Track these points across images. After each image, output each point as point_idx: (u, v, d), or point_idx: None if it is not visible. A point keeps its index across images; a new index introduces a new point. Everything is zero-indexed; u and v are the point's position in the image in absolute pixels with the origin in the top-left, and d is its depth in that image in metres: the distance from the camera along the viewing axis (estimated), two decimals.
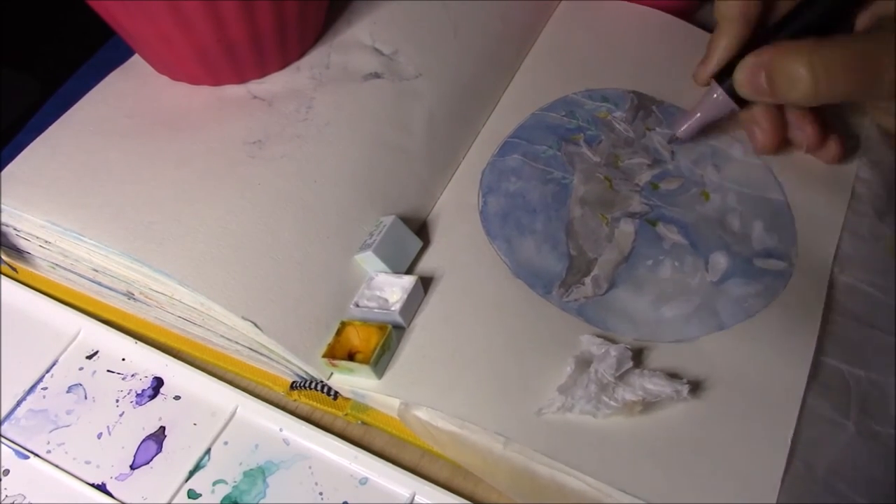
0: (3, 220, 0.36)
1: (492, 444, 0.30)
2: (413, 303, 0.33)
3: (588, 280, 0.34)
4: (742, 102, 0.36)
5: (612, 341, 0.31)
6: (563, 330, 0.33)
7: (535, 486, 0.30)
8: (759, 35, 0.35)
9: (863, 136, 0.40)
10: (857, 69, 0.31)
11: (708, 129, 0.38)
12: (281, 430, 0.33)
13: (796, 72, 0.31)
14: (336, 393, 0.33)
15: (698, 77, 0.37)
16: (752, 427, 0.30)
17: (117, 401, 0.35)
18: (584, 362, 0.31)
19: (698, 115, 0.37)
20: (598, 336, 0.32)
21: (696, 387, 0.31)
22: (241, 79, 0.39)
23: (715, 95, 0.36)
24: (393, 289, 0.34)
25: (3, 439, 0.34)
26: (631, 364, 0.30)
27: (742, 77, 0.34)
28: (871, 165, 0.39)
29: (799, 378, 0.31)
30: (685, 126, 0.38)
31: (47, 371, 0.36)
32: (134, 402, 0.35)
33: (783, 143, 0.37)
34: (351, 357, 0.32)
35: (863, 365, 0.32)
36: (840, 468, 0.29)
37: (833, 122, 0.38)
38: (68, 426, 0.34)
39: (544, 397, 0.30)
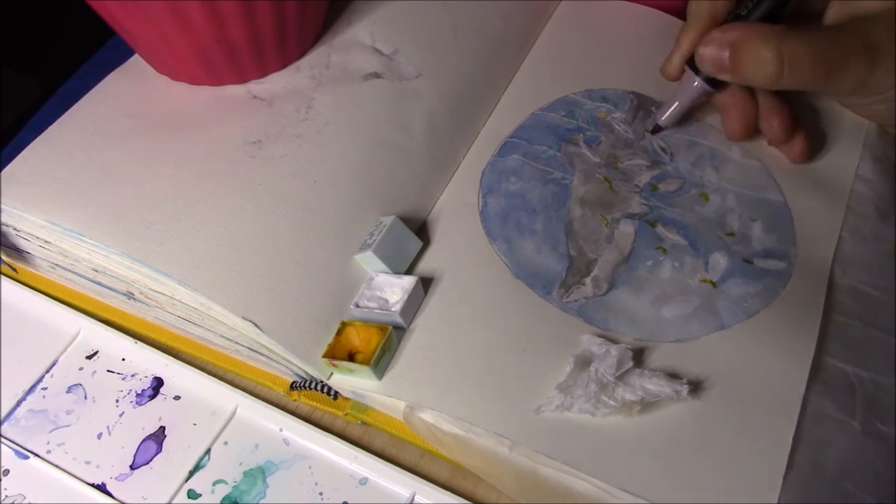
0: (3, 220, 0.36)
1: (497, 446, 0.30)
2: (413, 303, 0.33)
3: (588, 280, 0.34)
4: (716, 85, 0.37)
5: (613, 341, 0.31)
6: (563, 330, 0.33)
7: (540, 489, 0.30)
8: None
9: (864, 134, 0.40)
10: (821, 63, 0.32)
11: (688, 118, 0.40)
12: (281, 430, 0.33)
13: (763, 55, 0.32)
14: (336, 393, 0.33)
15: (666, 70, 0.38)
16: (752, 426, 0.30)
17: (117, 401, 0.35)
18: (584, 361, 0.31)
19: (676, 102, 0.38)
20: (599, 336, 0.32)
21: (696, 386, 0.31)
22: (241, 79, 0.39)
23: (693, 83, 0.37)
24: (393, 289, 0.34)
25: (2, 439, 0.34)
26: (631, 364, 0.30)
27: (706, 52, 0.34)
28: (872, 164, 0.39)
29: (799, 377, 0.31)
30: (666, 114, 0.39)
31: (47, 371, 0.36)
32: (134, 402, 0.35)
33: (753, 131, 0.38)
34: (351, 357, 0.32)
35: (867, 366, 0.32)
36: (847, 468, 0.29)
37: (803, 121, 0.38)
38: (68, 426, 0.34)
39: (544, 397, 0.30)
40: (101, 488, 0.32)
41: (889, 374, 0.32)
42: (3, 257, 0.38)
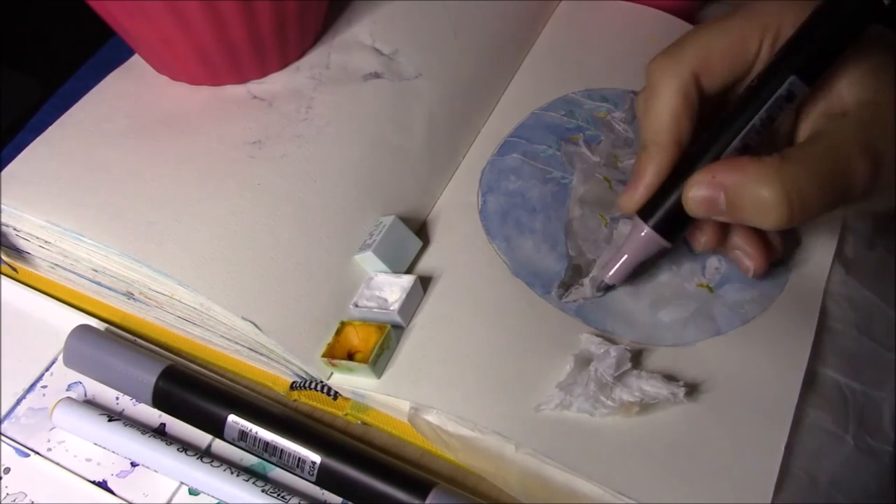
0: (3, 220, 0.36)
1: (503, 447, 0.30)
2: (412, 302, 0.33)
3: (587, 281, 0.34)
4: (672, 237, 0.32)
5: (612, 341, 0.32)
6: (561, 330, 0.33)
7: (545, 490, 0.30)
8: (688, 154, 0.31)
9: None
10: (829, 186, 0.28)
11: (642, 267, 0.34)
12: None
13: (765, 198, 0.27)
14: (336, 393, 0.33)
15: (625, 205, 0.32)
16: (747, 432, 0.30)
17: (117, 398, 0.35)
18: (583, 361, 0.31)
19: (626, 257, 0.32)
20: (597, 335, 0.32)
21: (692, 390, 0.30)
22: (241, 79, 0.39)
23: (642, 234, 0.32)
24: (392, 288, 0.34)
25: (3, 437, 0.34)
26: (630, 365, 0.30)
27: (697, 195, 0.29)
28: None
29: (793, 383, 0.31)
30: (613, 270, 0.33)
31: (47, 369, 0.36)
32: (134, 401, 0.35)
33: (720, 246, 0.33)
34: (350, 357, 0.32)
35: (859, 378, 0.32)
36: (840, 481, 0.29)
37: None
38: None
39: (543, 396, 0.30)
40: (103, 485, 0.32)
41: (880, 387, 0.32)
42: (3, 257, 0.38)
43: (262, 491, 0.30)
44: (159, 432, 0.33)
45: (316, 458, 0.31)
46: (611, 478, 0.28)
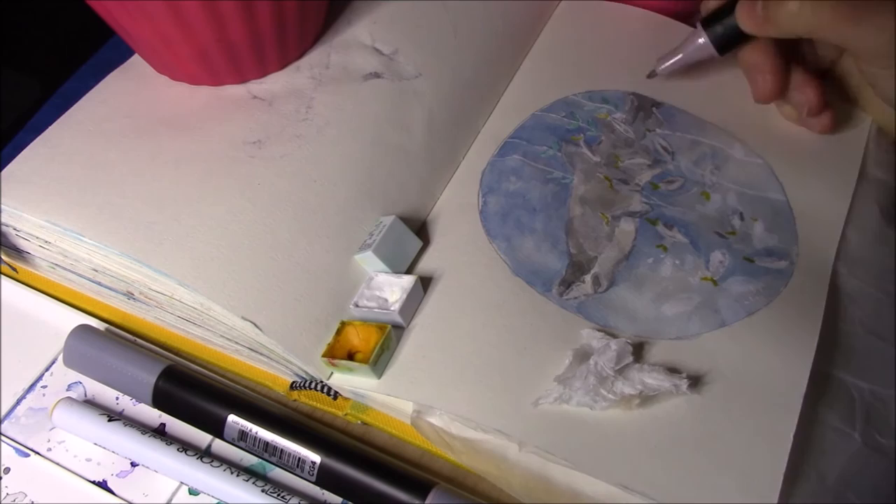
0: (3, 220, 0.36)
1: (506, 449, 0.30)
2: (413, 302, 0.33)
3: (588, 278, 0.34)
4: (724, 51, 0.38)
5: (613, 336, 0.32)
6: (562, 327, 0.33)
7: (549, 492, 0.29)
8: None
9: (868, 133, 0.39)
10: (843, 13, 0.34)
11: (693, 76, 0.41)
12: None
13: (788, 4, 0.34)
14: (336, 393, 0.33)
15: (704, 6, 0.39)
16: (753, 424, 0.30)
17: (117, 398, 0.35)
18: (583, 355, 0.31)
19: (680, 55, 0.39)
20: (599, 330, 0.32)
21: (696, 382, 0.30)
22: (241, 79, 0.39)
23: (700, 40, 0.38)
24: (392, 288, 0.34)
25: (3, 437, 0.34)
26: (631, 358, 0.30)
27: (741, 9, 0.36)
28: (876, 164, 0.39)
29: (800, 376, 0.31)
30: (666, 64, 0.40)
31: (47, 369, 0.36)
32: (133, 401, 0.35)
33: (780, 95, 0.38)
34: (351, 357, 0.32)
35: (866, 377, 0.32)
36: (848, 478, 0.29)
37: (832, 100, 0.39)
38: None
39: (543, 390, 0.30)
40: (103, 485, 0.32)
41: (888, 385, 0.32)
42: (3, 257, 0.38)
43: (262, 491, 0.30)
44: (159, 432, 0.33)
45: (316, 458, 0.31)
46: (613, 472, 0.28)
